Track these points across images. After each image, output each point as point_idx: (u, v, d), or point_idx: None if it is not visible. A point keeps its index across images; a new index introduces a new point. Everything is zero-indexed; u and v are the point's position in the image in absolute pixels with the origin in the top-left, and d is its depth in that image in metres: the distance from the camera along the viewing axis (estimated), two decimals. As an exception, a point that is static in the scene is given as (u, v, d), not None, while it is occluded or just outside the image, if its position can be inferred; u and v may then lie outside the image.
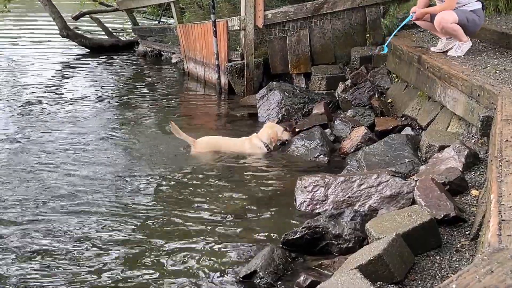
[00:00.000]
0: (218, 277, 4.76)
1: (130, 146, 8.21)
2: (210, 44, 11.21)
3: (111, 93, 11.65)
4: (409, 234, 4.36)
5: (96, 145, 8.30)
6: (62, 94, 11.52)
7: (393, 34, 8.74)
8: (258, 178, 7.08)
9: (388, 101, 8.86)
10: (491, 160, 4.62)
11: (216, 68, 11.20)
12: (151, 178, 7.04)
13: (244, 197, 6.47)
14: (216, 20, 10.88)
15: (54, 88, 12.02)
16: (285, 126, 8.46)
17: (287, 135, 8.05)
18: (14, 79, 12.56)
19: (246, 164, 7.58)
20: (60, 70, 13.97)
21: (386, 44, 8.81)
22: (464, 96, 6.56)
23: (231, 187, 6.76)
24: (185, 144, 7.95)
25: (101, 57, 15.16)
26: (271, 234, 5.48)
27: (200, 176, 7.11)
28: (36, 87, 11.88)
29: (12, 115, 9.79)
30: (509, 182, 3.86)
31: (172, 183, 6.93)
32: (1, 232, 5.59)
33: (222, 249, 5.25)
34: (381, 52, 9.07)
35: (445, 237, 4.60)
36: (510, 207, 3.49)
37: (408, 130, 7.63)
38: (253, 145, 7.88)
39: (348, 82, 9.53)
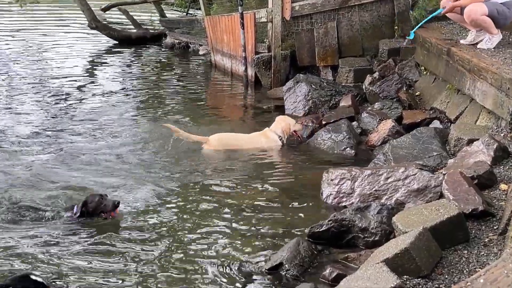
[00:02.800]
0: (244, 269, 4.78)
1: (156, 138, 8.22)
2: (237, 36, 11.21)
3: (139, 85, 11.70)
4: (436, 228, 4.34)
5: (121, 136, 8.38)
6: (90, 85, 11.60)
7: (421, 23, 8.67)
8: (284, 171, 7.10)
9: (416, 94, 8.78)
10: (521, 154, 4.58)
11: (243, 60, 11.19)
12: (176, 170, 7.08)
13: (270, 189, 6.48)
14: (244, 12, 10.87)
15: (82, 79, 12.12)
16: (311, 118, 8.45)
17: (299, 126, 8.06)
18: (43, 71, 12.66)
19: (271, 157, 7.58)
20: (89, 62, 14.08)
21: (413, 30, 8.80)
22: (494, 89, 6.49)
23: (256, 180, 6.77)
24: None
25: (129, 49, 15.25)
26: (297, 227, 5.49)
27: (225, 169, 7.15)
28: (65, 79, 11.95)
29: (41, 107, 9.88)
30: (539, 177, 3.82)
31: (197, 175, 6.95)
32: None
33: (248, 242, 5.28)
34: (407, 37, 9.07)
35: (473, 232, 4.57)
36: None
37: (436, 123, 7.57)
38: (269, 139, 7.85)
39: (376, 74, 9.45)
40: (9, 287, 3.37)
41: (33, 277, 3.60)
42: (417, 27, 8.81)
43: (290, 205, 6.01)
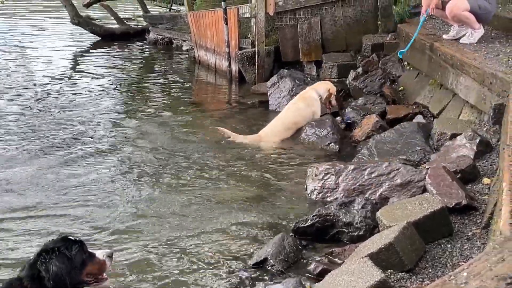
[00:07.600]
0: (229, 264, 4.78)
1: (140, 136, 8.20)
2: (221, 32, 11.19)
3: (122, 81, 11.65)
4: (420, 223, 4.35)
5: (104, 132, 8.34)
6: (73, 83, 11.51)
7: (413, 38, 8.30)
8: (269, 166, 7.08)
9: (400, 89, 8.82)
10: (503, 148, 4.60)
11: (226, 56, 11.18)
12: (162, 166, 7.05)
13: (254, 185, 6.47)
14: (227, 7, 10.85)
15: (65, 76, 12.04)
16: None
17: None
18: (25, 68, 12.57)
19: (256, 152, 7.56)
20: (71, 58, 13.99)
21: (405, 49, 8.36)
22: (476, 84, 6.53)
23: (239, 176, 6.76)
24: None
25: (112, 44, 15.17)
26: (282, 222, 5.49)
27: (210, 165, 7.11)
28: (48, 76, 11.89)
29: (24, 105, 9.77)
30: (521, 171, 3.85)
31: (176, 171, 6.92)
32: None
33: (233, 237, 5.26)
34: (399, 55, 8.67)
35: (457, 226, 4.59)
36: (522, 195, 3.48)
37: (419, 118, 7.59)
38: (306, 101, 7.94)
39: (359, 70, 9.50)
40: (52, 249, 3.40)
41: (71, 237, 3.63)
42: (407, 47, 8.33)
43: (275, 201, 6.01)
